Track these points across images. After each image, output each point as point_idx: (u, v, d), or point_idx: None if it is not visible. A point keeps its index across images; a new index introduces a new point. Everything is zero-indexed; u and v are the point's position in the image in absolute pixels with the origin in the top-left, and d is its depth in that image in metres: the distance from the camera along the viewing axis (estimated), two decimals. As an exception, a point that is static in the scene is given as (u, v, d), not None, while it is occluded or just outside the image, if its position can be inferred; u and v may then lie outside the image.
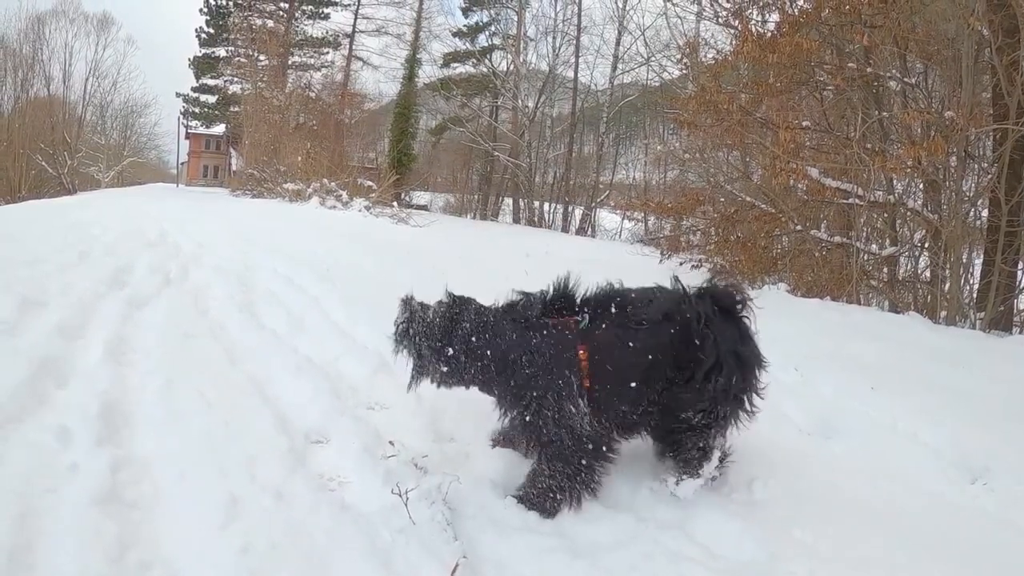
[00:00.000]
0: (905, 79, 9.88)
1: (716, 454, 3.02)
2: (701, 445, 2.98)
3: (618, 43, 34.47)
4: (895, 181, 10.07)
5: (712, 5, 13.90)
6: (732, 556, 2.55)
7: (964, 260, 8.89)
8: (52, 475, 2.75)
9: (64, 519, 2.47)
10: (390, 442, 3.27)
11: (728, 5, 12.69)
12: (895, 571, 2.56)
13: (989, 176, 8.95)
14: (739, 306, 3.16)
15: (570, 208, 34.81)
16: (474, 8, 39.54)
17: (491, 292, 3.04)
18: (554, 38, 36.49)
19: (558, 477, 2.75)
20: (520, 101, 35.87)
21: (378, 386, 4.15)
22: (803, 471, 3.48)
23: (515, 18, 37.49)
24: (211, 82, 46.67)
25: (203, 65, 46.33)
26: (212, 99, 47.86)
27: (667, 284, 3.17)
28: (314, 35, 43.79)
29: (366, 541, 2.42)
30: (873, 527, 2.93)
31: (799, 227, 10.83)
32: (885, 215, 10.48)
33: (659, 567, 2.45)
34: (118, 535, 2.41)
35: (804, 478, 3.38)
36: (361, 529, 2.50)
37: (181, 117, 50.22)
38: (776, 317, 7.57)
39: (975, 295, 9.07)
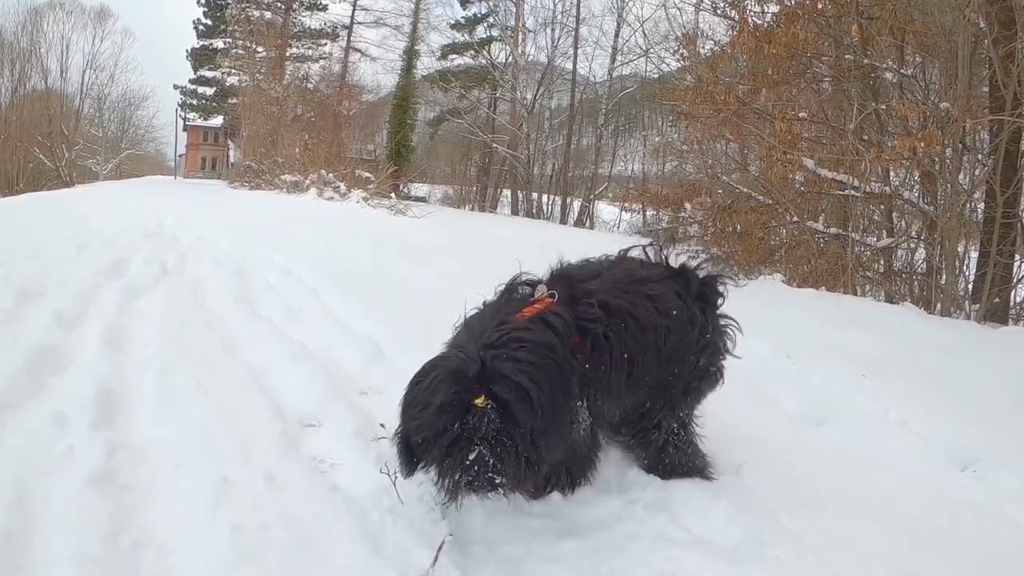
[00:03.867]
0: (902, 71, 9.90)
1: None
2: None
3: (617, 35, 34.53)
4: (891, 173, 10.11)
5: (710, -4, 13.94)
6: (718, 540, 2.57)
7: (960, 252, 8.92)
8: (48, 459, 2.78)
9: (59, 501, 2.50)
10: (381, 424, 3.29)
11: (726, -4, 12.72)
12: (883, 558, 2.57)
13: (985, 168, 8.98)
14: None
15: (568, 200, 34.79)
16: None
17: (489, 281, 2.98)
18: (553, 29, 36.47)
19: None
20: (519, 93, 35.82)
21: (373, 372, 4.19)
22: (793, 458, 3.51)
23: (513, 9, 37.44)
24: (209, 74, 46.57)
25: (201, 57, 46.21)
26: (210, 91, 47.77)
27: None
28: (312, 26, 43.67)
29: (355, 521, 2.45)
30: (862, 515, 2.95)
31: (795, 219, 10.86)
32: (882, 207, 10.52)
33: (644, 548, 2.48)
34: (112, 517, 2.43)
35: (794, 465, 3.40)
36: (351, 509, 2.53)
37: (179, 109, 50.20)
38: (770, 306, 7.65)
39: (971, 287, 9.11)
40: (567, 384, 2.42)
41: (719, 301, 3.10)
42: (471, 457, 2.22)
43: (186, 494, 2.63)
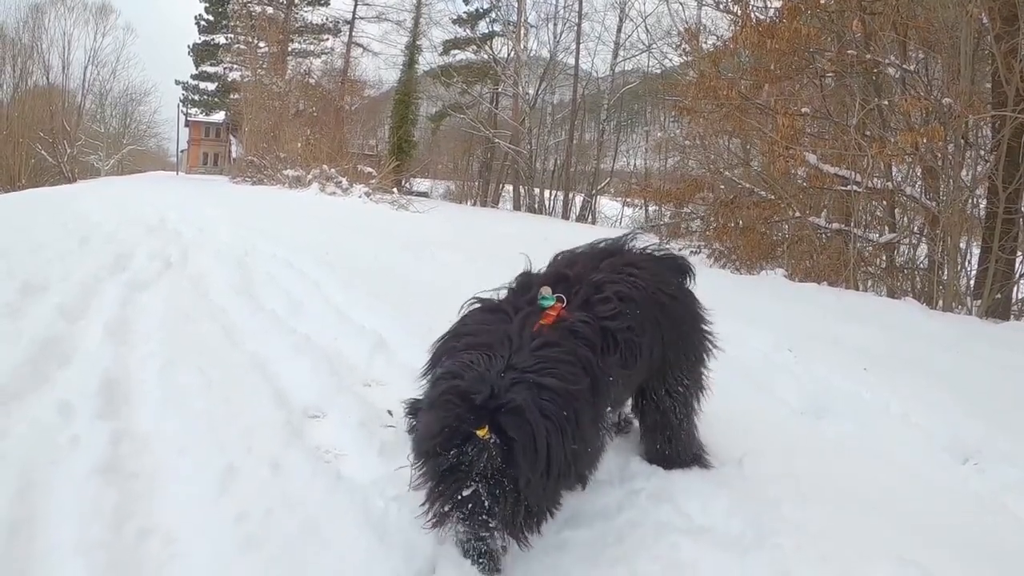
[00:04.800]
0: (904, 66, 9.89)
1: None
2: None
3: (619, 30, 34.47)
4: (894, 168, 10.11)
5: (713, -10, 13.95)
6: (720, 529, 2.59)
7: (962, 248, 8.92)
8: (54, 448, 2.80)
9: (65, 490, 2.52)
10: (388, 411, 3.30)
11: (729, -10, 12.73)
12: (883, 549, 2.58)
13: (987, 164, 8.98)
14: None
15: (571, 195, 34.78)
16: (474, -6, 39.33)
17: (492, 274, 2.94)
18: (555, 25, 36.40)
19: None
20: (521, 88, 35.75)
21: (376, 364, 4.22)
22: (794, 449, 3.53)
23: (516, 4, 37.32)
24: (211, 69, 46.48)
25: (203, 52, 46.18)
26: (212, 86, 47.70)
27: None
28: (314, 21, 43.55)
29: (360, 509, 2.47)
30: (862, 506, 2.96)
31: (797, 214, 10.88)
32: (884, 202, 10.52)
33: (646, 536, 2.50)
34: (117, 505, 2.45)
35: (795, 456, 3.41)
36: (355, 498, 2.55)
37: (181, 105, 50.14)
38: (772, 300, 7.67)
39: (972, 283, 9.11)
40: (599, 409, 2.32)
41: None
42: (464, 493, 1.99)
43: (191, 482, 2.65)
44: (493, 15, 38.69)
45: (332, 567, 2.20)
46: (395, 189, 25.61)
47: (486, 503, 1.99)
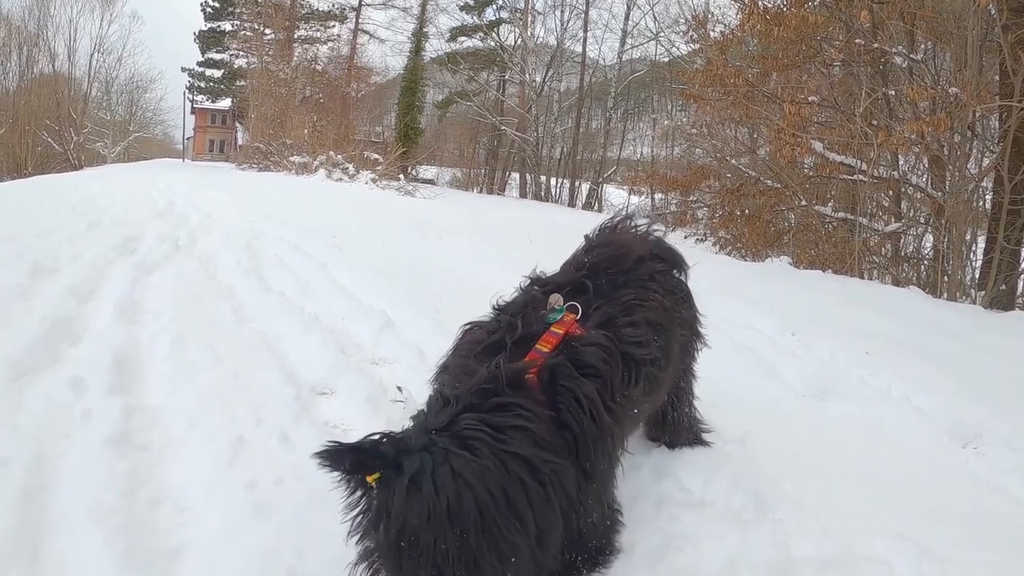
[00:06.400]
0: (911, 56, 9.87)
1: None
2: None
3: (627, 18, 34.40)
4: (900, 158, 10.11)
5: (721, -22, 13.93)
6: (721, 503, 2.61)
7: (967, 238, 8.92)
8: (67, 422, 2.85)
9: (78, 461, 2.56)
10: (398, 387, 3.35)
11: (737, -22, 12.70)
12: (882, 524, 2.61)
13: (994, 154, 8.97)
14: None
15: (577, 183, 34.77)
16: (482, -19, 39.22)
17: (497, 262, 2.90)
18: (562, 12, 36.29)
19: None
20: (528, 75, 35.68)
21: (383, 343, 4.25)
22: (796, 429, 3.57)
23: (523, -8, 37.22)
24: (217, 56, 46.47)
25: (209, 39, 46.14)
26: (218, 73, 47.68)
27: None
28: (320, 8, 43.42)
29: (368, 479, 2.51)
30: (863, 485, 3.00)
31: (803, 202, 10.88)
32: (890, 192, 10.53)
33: (647, 510, 2.54)
34: (129, 474, 2.50)
35: (797, 436, 3.46)
36: (363, 469, 2.58)
37: (187, 92, 50.15)
38: (777, 285, 7.69)
39: (977, 273, 9.12)
40: (606, 460, 1.99)
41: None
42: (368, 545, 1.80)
43: (201, 452, 2.70)
44: (500, 2, 38.60)
45: (341, 534, 2.24)
46: (401, 176, 25.66)
47: (375, 555, 1.79)
